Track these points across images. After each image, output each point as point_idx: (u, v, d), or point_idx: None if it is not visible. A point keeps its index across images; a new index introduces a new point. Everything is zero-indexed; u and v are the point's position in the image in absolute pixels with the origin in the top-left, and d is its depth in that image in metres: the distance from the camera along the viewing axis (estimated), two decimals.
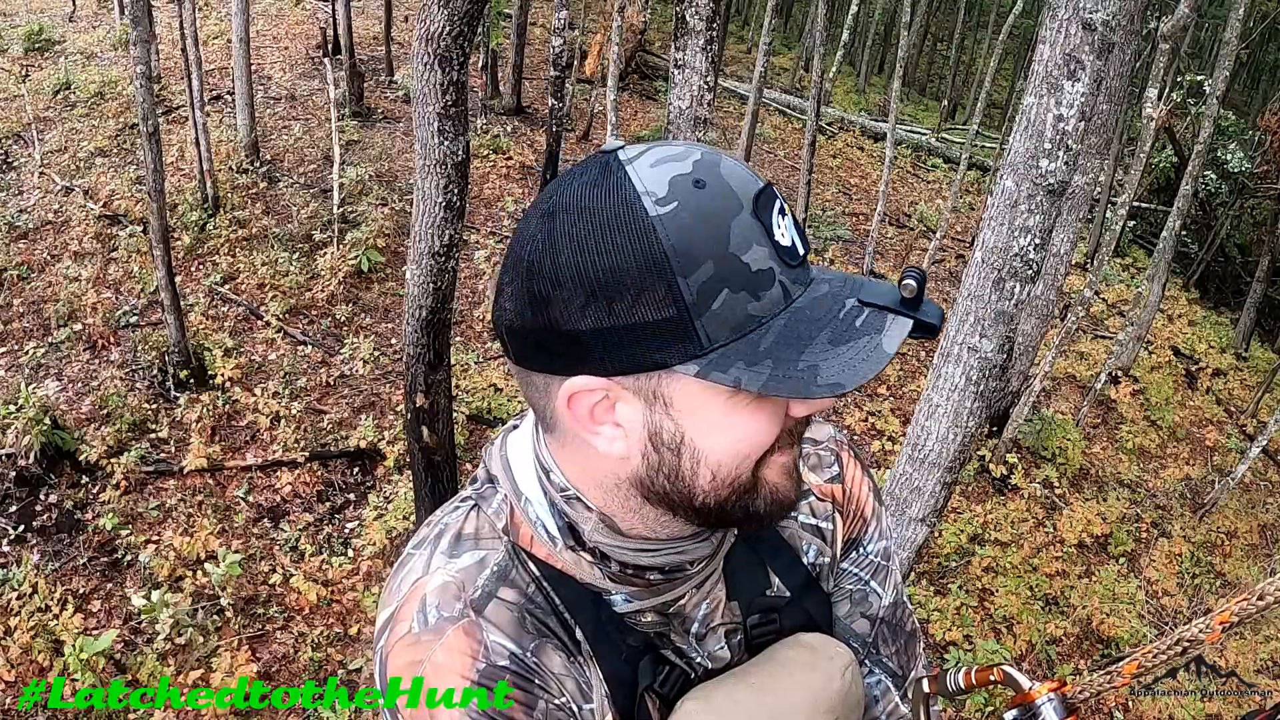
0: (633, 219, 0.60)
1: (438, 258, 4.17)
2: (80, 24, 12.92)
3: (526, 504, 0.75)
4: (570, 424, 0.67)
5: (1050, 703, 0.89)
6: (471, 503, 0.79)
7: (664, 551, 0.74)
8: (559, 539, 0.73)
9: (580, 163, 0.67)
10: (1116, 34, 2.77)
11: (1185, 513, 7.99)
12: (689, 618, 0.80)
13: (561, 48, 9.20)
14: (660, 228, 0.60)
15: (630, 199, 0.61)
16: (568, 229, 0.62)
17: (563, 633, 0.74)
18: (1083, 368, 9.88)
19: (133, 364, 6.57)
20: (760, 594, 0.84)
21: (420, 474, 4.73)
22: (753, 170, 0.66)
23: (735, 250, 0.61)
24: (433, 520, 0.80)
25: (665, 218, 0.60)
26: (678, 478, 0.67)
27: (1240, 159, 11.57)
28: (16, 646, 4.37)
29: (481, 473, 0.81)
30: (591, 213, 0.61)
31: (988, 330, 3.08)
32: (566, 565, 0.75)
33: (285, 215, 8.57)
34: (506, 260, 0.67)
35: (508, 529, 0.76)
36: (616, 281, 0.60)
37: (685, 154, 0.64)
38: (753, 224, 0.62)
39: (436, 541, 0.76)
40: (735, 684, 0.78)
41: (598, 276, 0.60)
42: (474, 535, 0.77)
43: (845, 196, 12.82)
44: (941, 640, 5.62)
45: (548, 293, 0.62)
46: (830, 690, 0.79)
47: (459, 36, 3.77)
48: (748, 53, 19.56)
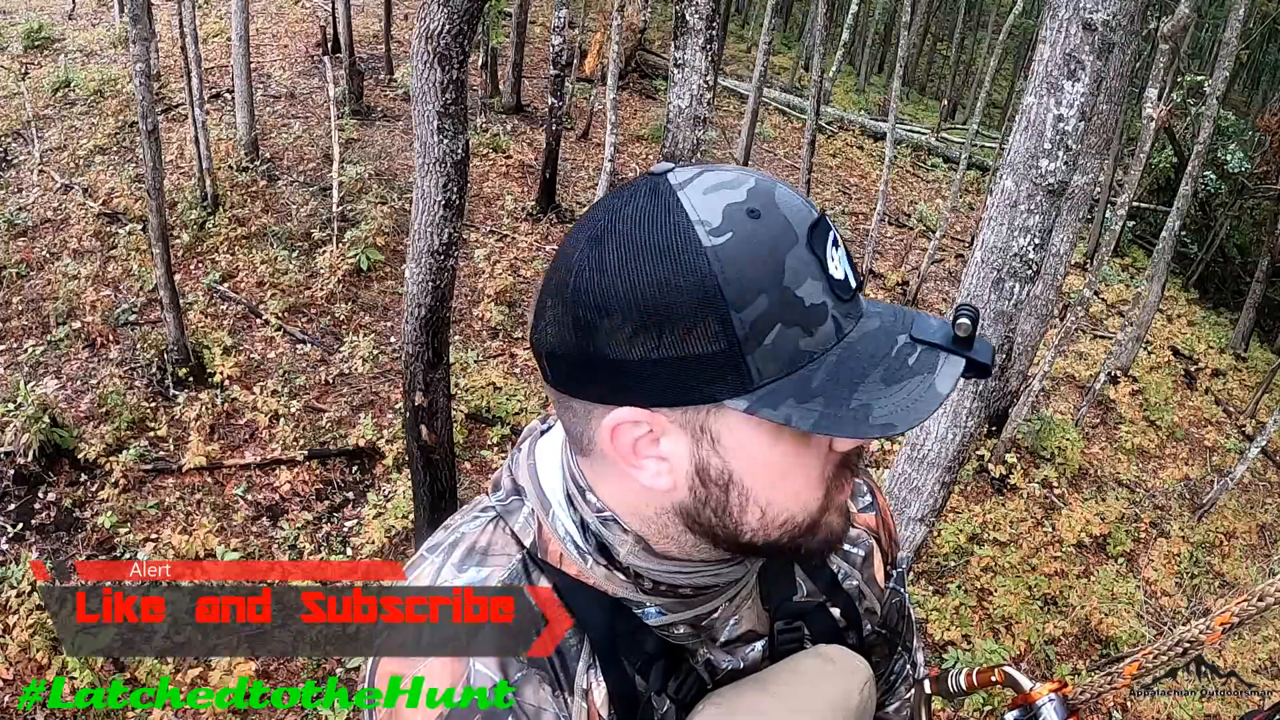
0: (686, 249, 0.59)
1: (437, 256, 4.17)
2: (80, 22, 12.90)
3: (555, 520, 0.73)
4: (611, 454, 0.65)
5: (1051, 703, 0.89)
6: (493, 514, 0.77)
7: (700, 574, 0.73)
8: (590, 556, 0.72)
9: (628, 184, 0.65)
10: (1116, 34, 2.77)
11: (1184, 513, 7.99)
12: (719, 628, 0.79)
13: (561, 46, 9.19)
14: (715, 259, 0.58)
15: (684, 227, 0.59)
16: (618, 255, 0.60)
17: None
18: (1082, 368, 9.88)
19: (132, 362, 6.57)
20: (788, 599, 0.84)
21: (419, 472, 4.73)
22: (807, 200, 0.65)
23: (790, 284, 0.59)
24: (451, 524, 0.79)
25: (720, 249, 0.58)
26: (725, 513, 0.66)
27: (1240, 159, 11.57)
28: (15, 645, 4.37)
29: (507, 482, 0.78)
30: (643, 240, 0.60)
31: (987, 330, 3.08)
32: (598, 581, 0.73)
33: (284, 213, 8.56)
34: (548, 283, 0.65)
35: (535, 544, 0.74)
36: (668, 313, 0.58)
37: (739, 181, 0.62)
38: (808, 257, 0.60)
39: (449, 551, 0.76)
40: (756, 691, 0.77)
41: (648, 306, 0.59)
42: (485, 550, 0.75)
43: (845, 196, 12.82)
44: (940, 640, 5.62)
45: (594, 320, 0.60)
46: (849, 705, 0.79)
47: (458, 35, 3.77)
48: (747, 52, 19.54)
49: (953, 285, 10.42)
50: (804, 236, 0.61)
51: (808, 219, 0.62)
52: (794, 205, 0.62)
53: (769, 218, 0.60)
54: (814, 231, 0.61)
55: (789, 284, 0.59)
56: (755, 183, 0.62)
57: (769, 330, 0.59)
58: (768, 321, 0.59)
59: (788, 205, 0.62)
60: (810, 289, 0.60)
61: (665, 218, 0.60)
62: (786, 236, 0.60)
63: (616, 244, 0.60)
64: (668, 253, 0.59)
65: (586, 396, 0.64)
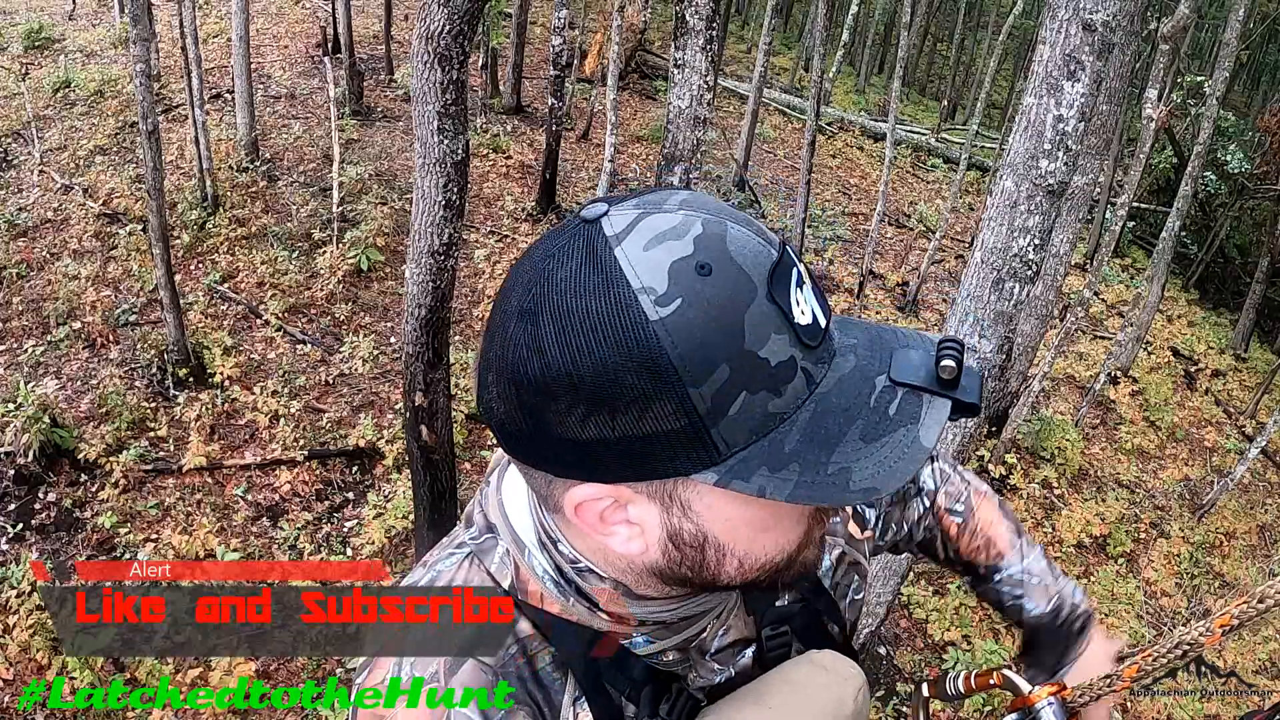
0: (631, 325, 0.52)
1: (437, 256, 4.17)
2: (80, 22, 12.91)
3: (531, 558, 0.70)
4: (579, 526, 0.63)
5: (1050, 706, 0.89)
6: (468, 551, 0.74)
7: (684, 606, 0.71)
8: (571, 596, 0.69)
9: (558, 235, 0.57)
10: (1116, 35, 2.77)
11: (1184, 513, 7.99)
12: (708, 642, 0.79)
13: (561, 47, 9.19)
14: (664, 333, 0.52)
15: (625, 299, 0.53)
16: (556, 334, 0.53)
17: (539, 696, 0.71)
18: (1082, 368, 9.89)
19: (132, 362, 6.57)
20: (771, 604, 0.84)
21: (419, 473, 4.73)
22: (763, 233, 0.58)
23: (751, 346, 0.53)
24: (427, 562, 0.76)
25: (668, 320, 0.52)
26: (702, 568, 0.63)
27: (1240, 160, 11.57)
28: (15, 645, 4.37)
29: (479, 518, 0.74)
30: (582, 317, 0.53)
31: (987, 330, 3.08)
32: (582, 618, 0.70)
33: (285, 214, 8.57)
34: (486, 353, 0.59)
35: (514, 586, 0.71)
36: (618, 394, 0.53)
37: (684, 227, 0.55)
38: (769, 310, 0.54)
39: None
40: (751, 704, 0.76)
41: (596, 390, 0.53)
42: None
43: (845, 196, 12.82)
44: (940, 640, 5.62)
45: (540, 403, 0.55)
46: (843, 712, 0.79)
47: (459, 35, 3.77)
48: (748, 52, 19.55)
49: (953, 285, 10.42)
50: (763, 287, 0.54)
51: (766, 263, 0.55)
52: (749, 250, 0.55)
53: (721, 272, 0.54)
54: (774, 277, 0.55)
55: (750, 346, 0.53)
56: (702, 228, 0.55)
57: (733, 400, 0.53)
58: (731, 391, 0.53)
59: (741, 251, 0.55)
60: (775, 346, 0.54)
61: (604, 289, 0.53)
62: (743, 291, 0.54)
63: (551, 318, 0.54)
64: (611, 331, 0.52)
65: (546, 470, 0.60)
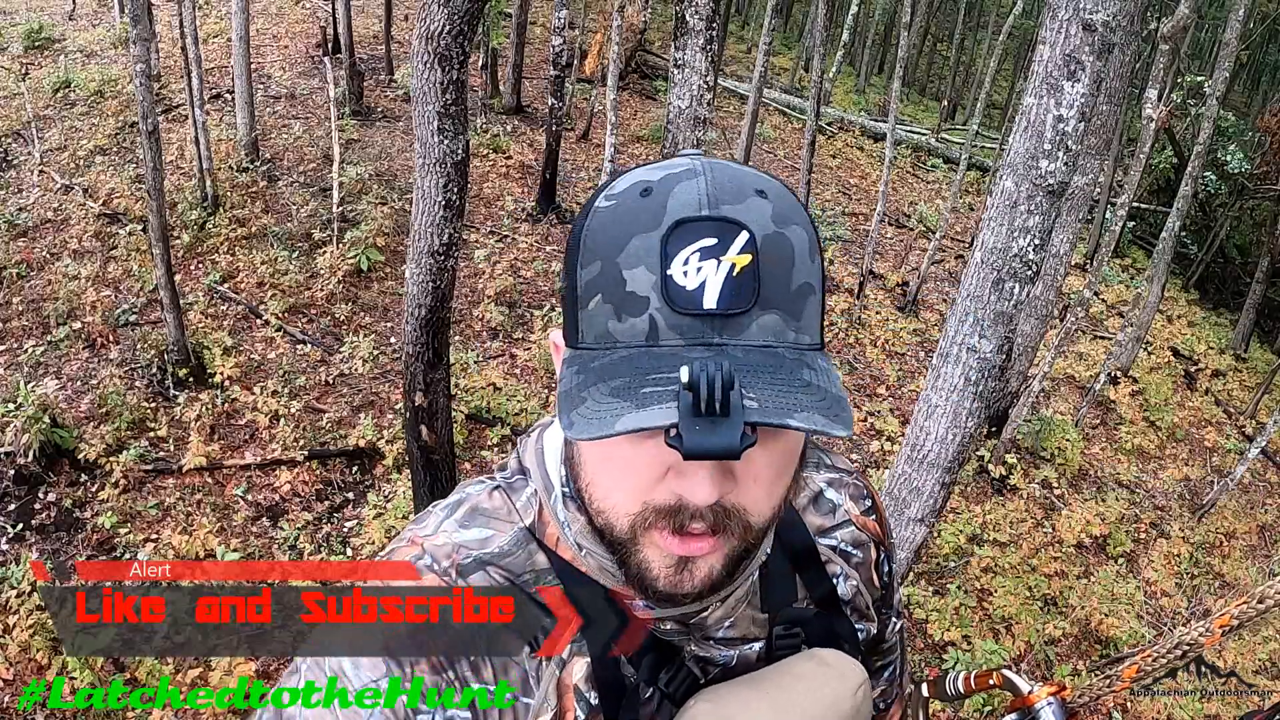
0: (589, 206, 0.65)
1: (437, 256, 4.17)
2: (80, 22, 12.91)
3: (555, 502, 0.75)
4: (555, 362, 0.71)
5: (1050, 706, 0.89)
6: (498, 483, 0.79)
7: None
8: (585, 546, 0.72)
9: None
10: (1116, 35, 2.77)
11: (1184, 513, 7.99)
12: (711, 629, 0.79)
13: (561, 47, 9.19)
14: (593, 218, 0.64)
15: (601, 191, 0.66)
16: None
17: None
18: (1082, 368, 9.88)
19: (132, 362, 6.57)
20: (788, 603, 0.84)
21: (419, 473, 4.73)
22: (716, 208, 0.60)
23: (621, 262, 0.60)
24: (460, 487, 0.81)
25: (599, 211, 0.64)
26: (578, 465, 0.68)
27: (1240, 160, 11.57)
28: (15, 645, 4.37)
29: (513, 462, 0.80)
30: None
31: (987, 331, 3.08)
32: (590, 570, 0.73)
33: (285, 214, 8.57)
34: None
35: (535, 525, 0.76)
36: (570, 250, 0.65)
37: (672, 166, 0.64)
38: (653, 247, 0.59)
39: (454, 509, 0.78)
40: (749, 690, 0.76)
41: (569, 244, 0.66)
42: (489, 513, 0.77)
43: (845, 196, 12.82)
44: (940, 640, 5.62)
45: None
46: (842, 708, 0.79)
47: (459, 35, 3.77)
48: (748, 52, 19.55)
49: (953, 285, 10.42)
50: (663, 229, 0.59)
51: (685, 215, 0.59)
52: (683, 200, 0.60)
53: (650, 201, 0.61)
54: (681, 228, 0.59)
55: (621, 261, 0.60)
56: (683, 169, 0.63)
57: (592, 296, 0.61)
58: (593, 287, 0.61)
59: (679, 198, 0.61)
60: (638, 276, 0.59)
61: (604, 186, 0.67)
62: (647, 220, 0.60)
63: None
64: (585, 207, 0.66)
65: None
